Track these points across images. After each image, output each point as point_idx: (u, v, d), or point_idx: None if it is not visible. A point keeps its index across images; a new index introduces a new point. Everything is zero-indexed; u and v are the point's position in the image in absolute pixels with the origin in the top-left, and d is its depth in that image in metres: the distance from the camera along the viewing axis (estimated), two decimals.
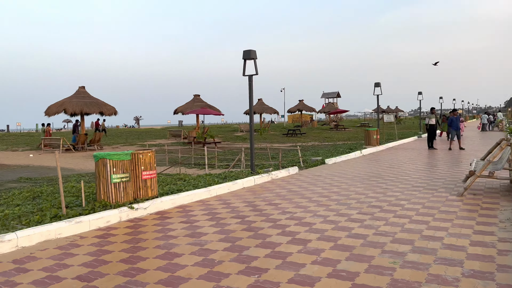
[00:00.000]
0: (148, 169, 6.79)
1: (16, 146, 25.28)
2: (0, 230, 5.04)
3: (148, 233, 5.35)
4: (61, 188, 5.89)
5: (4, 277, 3.83)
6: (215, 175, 9.98)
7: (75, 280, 3.73)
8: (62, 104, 21.64)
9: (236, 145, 23.87)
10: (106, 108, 22.69)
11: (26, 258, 4.40)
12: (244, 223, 5.73)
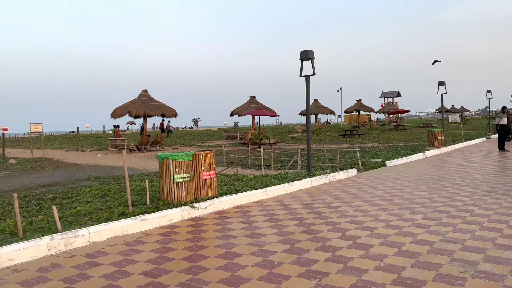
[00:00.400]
0: (208, 170, 6.95)
1: (85, 146, 27.05)
2: (74, 225, 5.40)
3: (209, 232, 5.47)
4: (128, 188, 6.19)
5: (78, 270, 4.09)
6: (272, 176, 10.00)
7: (142, 276, 3.90)
8: (127, 107, 22.82)
9: (292, 146, 23.79)
10: (167, 110, 23.60)
11: (97, 252, 4.67)
12: (302, 226, 5.67)
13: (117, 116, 22.84)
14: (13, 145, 29.22)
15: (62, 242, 4.65)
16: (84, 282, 3.76)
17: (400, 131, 38.05)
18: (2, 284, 3.71)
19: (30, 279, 3.85)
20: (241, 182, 9.24)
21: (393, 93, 66.06)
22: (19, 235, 4.84)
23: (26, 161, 18.85)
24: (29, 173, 14.52)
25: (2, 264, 4.12)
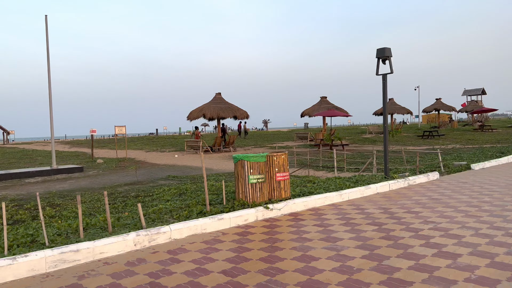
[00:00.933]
0: (282, 171, 6.94)
1: (164, 147, 28.54)
2: (156, 223, 5.69)
3: (284, 234, 5.45)
4: (206, 188, 6.40)
5: (161, 266, 4.29)
6: (345, 179, 9.74)
7: (221, 274, 3.99)
8: (202, 109, 23.71)
9: (365, 147, 23.04)
10: (239, 113, 24.12)
11: (178, 249, 4.87)
12: (381, 231, 5.44)
13: (192, 118, 23.81)
14: (100, 146, 31.71)
15: (146, 238, 4.92)
16: (167, 277, 3.93)
17: (485, 131, 35.16)
18: (95, 275, 4.01)
19: (119, 272, 4.12)
20: (313, 184, 9.12)
21: (477, 90, 61.31)
22: (109, 230, 5.21)
23: (111, 161, 20.35)
24: (114, 172, 15.64)
25: (94, 256, 4.46)
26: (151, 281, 3.84)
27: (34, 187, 12.20)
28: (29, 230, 5.73)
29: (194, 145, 23.49)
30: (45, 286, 3.73)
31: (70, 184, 12.58)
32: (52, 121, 16.20)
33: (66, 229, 5.68)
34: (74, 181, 13.35)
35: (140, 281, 3.84)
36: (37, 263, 4.00)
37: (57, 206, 8.45)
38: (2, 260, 3.83)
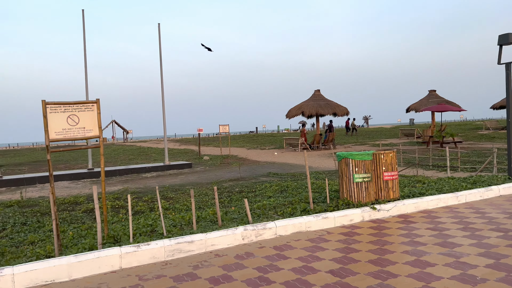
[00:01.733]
0: (390, 170, 6.59)
1: (263, 145, 29.22)
2: (262, 218, 5.82)
3: (393, 236, 5.17)
4: (309, 186, 6.37)
5: (269, 261, 4.37)
6: (460, 179, 8.91)
7: (328, 274, 3.91)
8: (300, 107, 23.71)
9: (482, 145, 20.85)
10: (339, 109, 23.59)
11: (284, 246, 4.91)
12: (508, 238, 4.84)
13: (291, 116, 23.95)
14: (205, 144, 33.66)
15: (253, 233, 5.06)
16: (275, 273, 3.98)
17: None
18: (208, 266, 4.23)
19: (229, 264, 4.29)
20: (423, 184, 8.51)
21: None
22: (219, 223, 5.47)
23: (216, 157, 21.44)
24: (219, 168, 16.44)
25: (206, 248, 4.71)
26: (260, 276, 3.92)
27: (150, 181, 13.39)
28: (148, 221, 6.29)
29: (293, 142, 23.61)
30: (165, 273, 4.04)
31: (180, 179, 13.54)
32: (165, 121, 17.60)
33: (180, 221, 6.10)
34: (184, 176, 14.34)
35: (250, 275, 3.94)
36: (157, 252, 4.36)
37: (170, 199, 9.14)
38: (128, 247, 4.24)
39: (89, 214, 7.92)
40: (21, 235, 6.32)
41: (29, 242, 5.75)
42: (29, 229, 6.75)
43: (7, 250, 5.27)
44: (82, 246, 4.80)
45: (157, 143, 38.28)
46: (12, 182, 13.55)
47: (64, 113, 4.95)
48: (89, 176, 14.94)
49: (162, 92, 17.47)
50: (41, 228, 6.80)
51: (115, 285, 3.73)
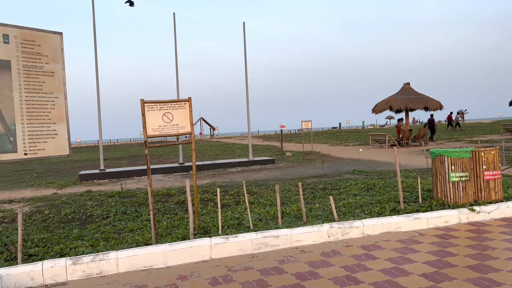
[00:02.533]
0: (491, 169, 6.01)
1: (347, 141, 28.50)
2: (348, 216, 5.68)
3: (496, 241, 4.71)
4: (400, 184, 6.07)
5: (356, 260, 4.25)
6: None
7: (421, 278, 3.70)
8: (388, 101, 22.67)
9: None
10: (431, 103, 22.12)
11: (372, 246, 4.74)
12: None
13: (378, 111, 23.01)
14: (287, 140, 33.80)
15: (339, 231, 4.96)
16: (363, 273, 3.87)
17: None
18: (293, 261, 4.25)
19: (315, 261, 4.26)
20: None
21: None
22: (303, 219, 5.46)
23: (298, 154, 21.41)
24: (301, 165, 16.39)
25: (292, 243, 4.73)
26: (347, 275, 3.84)
27: (235, 176, 13.81)
28: (235, 214, 6.49)
29: (379, 138, 22.69)
30: (252, 265, 4.14)
31: (264, 174, 13.77)
32: (249, 118, 18.02)
33: (265, 215, 6.20)
34: (267, 171, 14.55)
35: (337, 273, 3.88)
36: (244, 244, 4.48)
37: (255, 193, 9.34)
38: (218, 239, 4.42)
39: (180, 206, 8.41)
40: (122, 223, 6.92)
41: (129, 230, 6.28)
42: (129, 218, 7.36)
43: (111, 236, 5.81)
44: (176, 235, 5.11)
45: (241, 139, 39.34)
46: (113, 175, 14.90)
47: (160, 111, 5.30)
48: (180, 170, 15.86)
49: (246, 90, 17.89)
50: (139, 217, 7.38)
51: (206, 274, 3.91)
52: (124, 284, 3.71)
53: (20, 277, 3.72)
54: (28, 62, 5.55)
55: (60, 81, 5.87)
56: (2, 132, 5.29)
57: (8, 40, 5.34)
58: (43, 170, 19.28)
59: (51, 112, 5.77)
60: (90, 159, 25.95)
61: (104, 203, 9.24)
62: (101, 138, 15.77)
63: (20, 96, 5.45)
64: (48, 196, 11.06)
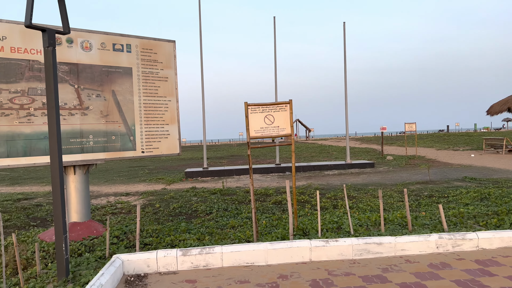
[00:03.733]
0: None
1: (457, 145, 26.23)
2: (459, 227, 5.24)
3: None
4: None
5: (469, 275, 3.90)
6: None
7: None
8: (507, 102, 20.37)
9: None
10: None
11: (488, 261, 4.30)
12: None
13: (493, 113, 20.83)
14: (388, 143, 32.28)
15: (449, 243, 4.59)
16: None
17: None
18: (398, 271, 4.04)
19: (422, 272, 4.00)
20: None
21: None
22: (408, 228, 5.16)
23: (400, 158, 20.31)
24: (404, 170, 15.51)
25: (396, 252, 4.51)
26: None
27: (332, 178, 13.60)
28: (333, 218, 6.40)
29: (495, 143, 20.49)
30: (353, 271, 4.04)
31: (362, 178, 13.34)
32: (347, 120, 17.61)
33: (366, 221, 6.01)
34: (366, 176, 14.06)
35: (447, 287, 3.60)
36: (345, 249, 4.39)
37: (353, 198, 9.10)
38: (318, 241, 4.40)
39: (277, 206, 8.55)
40: (224, 219, 7.27)
41: (230, 226, 6.57)
42: (230, 215, 7.70)
43: (214, 231, 6.14)
44: (275, 235, 5.21)
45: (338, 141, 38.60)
46: (215, 173, 15.72)
47: (262, 113, 5.46)
48: (277, 171, 16.12)
49: (345, 90, 17.51)
50: (239, 214, 7.68)
51: (306, 276, 3.91)
52: (228, 278, 3.89)
53: (138, 263, 4.11)
54: (146, 68, 6.12)
55: (172, 85, 6.37)
56: (124, 132, 5.92)
57: (130, 49, 5.96)
58: (154, 167, 21.12)
59: (164, 114, 6.29)
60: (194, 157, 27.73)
61: (207, 199, 9.80)
62: (205, 139, 16.73)
63: (139, 99, 6.05)
64: (158, 190, 12.08)
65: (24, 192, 13.26)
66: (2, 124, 5.08)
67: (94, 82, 5.71)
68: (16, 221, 7.99)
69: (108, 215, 7.76)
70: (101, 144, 5.74)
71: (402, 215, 6.08)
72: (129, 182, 14.76)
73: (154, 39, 6.23)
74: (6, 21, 5.13)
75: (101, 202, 10.28)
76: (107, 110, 5.78)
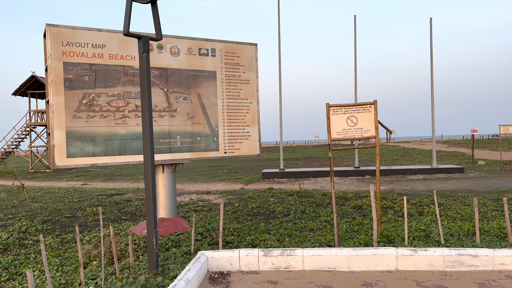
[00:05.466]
0: None
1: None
2: None
3: None
4: None
5: None
6: None
7: None
8: None
9: None
10: None
11: None
12: None
13: None
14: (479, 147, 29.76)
15: None
16: None
17: None
18: (496, 287, 3.68)
19: None
20: None
21: None
22: (508, 240, 4.69)
23: (494, 163, 18.61)
24: (499, 176, 14.18)
25: (494, 266, 4.12)
26: None
27: (416, 183, 12.86)
28: (420, 225, 6.03)
29: None
30: (445, 283, 3.76)
31: (451, 184, 12.44)
32: (434, 121, 16.55)
33: (457, 230, 5.57)
34: (455, 181, 13.09)
35: None
36: (435, 260, 4.10)
37: (441, 205, 8.50)
38: (404, 250, 4.17)
39: (357, 210, 8.29)
40: (302, 222, 7.21)
41: (309, 229, 6.50)
42: (308, 217, 7.63)
43: (293, 233, 6.12)
44: (358, 240, 5.05)
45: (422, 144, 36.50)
46: (291, 174, 15.71)
47: (344, 114, 5.32)
48: (355, 174, 15.66)
49: (431, 90, 16.48)
50: (317, 217, 7.58)
51: (392, 285, 3.73)
52: (310, 282, 3.84)
53: (221, 261, 4.23)
54: (229, 71, 6.30)
55: (254, 88, 6.48)
56: (208, 133, 6.14)
57: (215, 53, 6.17)
58: (232, 167, 21.71)
59: (246, 116, 6.42)
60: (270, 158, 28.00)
61: (284, 200, 9.81)
62: (281, 140, 16.80)
63: (222, 102, 6.24)
64: (237, 190, 12.38)
65: (116, 188, 14.40)
66: (101, 126, 5.55)
67: (182, 85, 6.01)
68: (110, 214, 8.69)
69: (192, 212, 8.12)
70: (187, 144, 6.03)
71: (499, 226, 5.54)
72: (210, 181, 15.32)
73: (237, 42, 6.38)
74: (105, 30, 5.60)
75: (184, 199, 10.79)
76: (193, 112, 6.05)
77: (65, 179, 19.07)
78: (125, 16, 3.90)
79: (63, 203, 10.64)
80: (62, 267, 4.97)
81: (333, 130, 5.33)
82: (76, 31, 5.45)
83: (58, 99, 5.33)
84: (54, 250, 5.95)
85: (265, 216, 8.06)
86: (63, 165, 5.34)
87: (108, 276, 4.31)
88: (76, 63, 5.45)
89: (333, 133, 5.34)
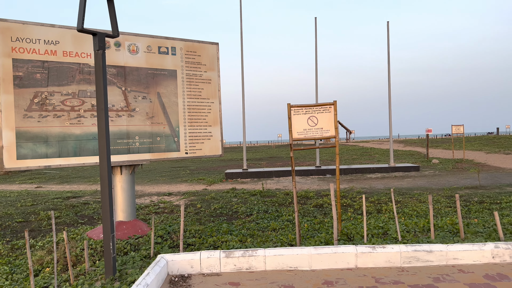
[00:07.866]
0: None
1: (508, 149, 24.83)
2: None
3: None
4: None
5: None
6: None
7: None
8: None
9: None
10: None
11: None
12: None
13: None
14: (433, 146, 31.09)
15: (507, 253, 4.30)
16: None
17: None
18: (450, 281, 3.83)
19: (477, 283, 3.76)
20: None
21: None
22: (460, 236, 4.90)
23: (447, 161, 19.48)
24: (451, 174, 14.85)
25: (447, 261, 4.28)
26: None
27: (375, 182, 13.23)
28: (379, 223, 6.19)
29: None
30: (402, 279, 3.86)
31: (407, 182, 12.89)
32: (391, 121, 17.10)
33: (413, 227, 5.76)
34: (411, 179, 13.57)
35: None
36: (393, 256, 4.22)
37: (398, 202, 8.78)
38: (364, 247, 4.26)
39: (318, 209, 8.40)
40: (264, 221, 7.22)
41: (271, 229, 6.51)
42: (270, 217, 7.65)
43: (256, 233, 6.10)
44: (319, 239, 5.10)
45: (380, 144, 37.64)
46: (254, 174, 15.73)
47: (305, 114, 5.37)
48: (317, 173, 15.91)
49: (389, 91, 17.02)
50: (279, 217, 7.61)
51: (352, 283, 3.79)
52: (272, 282, 3.83)
53: (182, 264, 4.14)
54: (190, 71, 6.19)
55: (215, 87, 6.41)
56: (169, 133, 6.02)
57: (175, 52, 6.05)
58: (195, 168, 21.47)
59: (207, 116, 6.34)
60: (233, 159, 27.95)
61: (248, 200, 9.80)
62: (244, 140, 16.79)
63: (183, 101, 6.13)
64: (200, 191, 12.23)
65: (72, 191, 13.85)
66: (54, 126, 5.30)
67: (141, 84, 5.85)
68: (66, 218, 8.33)
69: (152, 215, 7.93)
70: (146, 145, 5.87)
71: (452, 222, 5.78)
72: (171, 182, 15.06)
73: (198, 41, 6.29)
74: (59, 26, 5.35)
75: (145, 201, 10.54)
76: (153, 112, 5.90)
77: (18, 182, 18.14)
78: (79, 11, 3.73)
79: (14, 207, 10.10)
80: (12, 275, 4.70)
81: (294, 130, 5.36)
82: (27, 26, 5.17)
83: (7, 97, 5.04)
84: (4, 257, 5.62)
85: (228, 217, 8.01)
86: (12, 167, 5.05)
87: (62, 283, 4.12)
88: (27, 59, 5.18)
89: (295, 133, 5.37)
